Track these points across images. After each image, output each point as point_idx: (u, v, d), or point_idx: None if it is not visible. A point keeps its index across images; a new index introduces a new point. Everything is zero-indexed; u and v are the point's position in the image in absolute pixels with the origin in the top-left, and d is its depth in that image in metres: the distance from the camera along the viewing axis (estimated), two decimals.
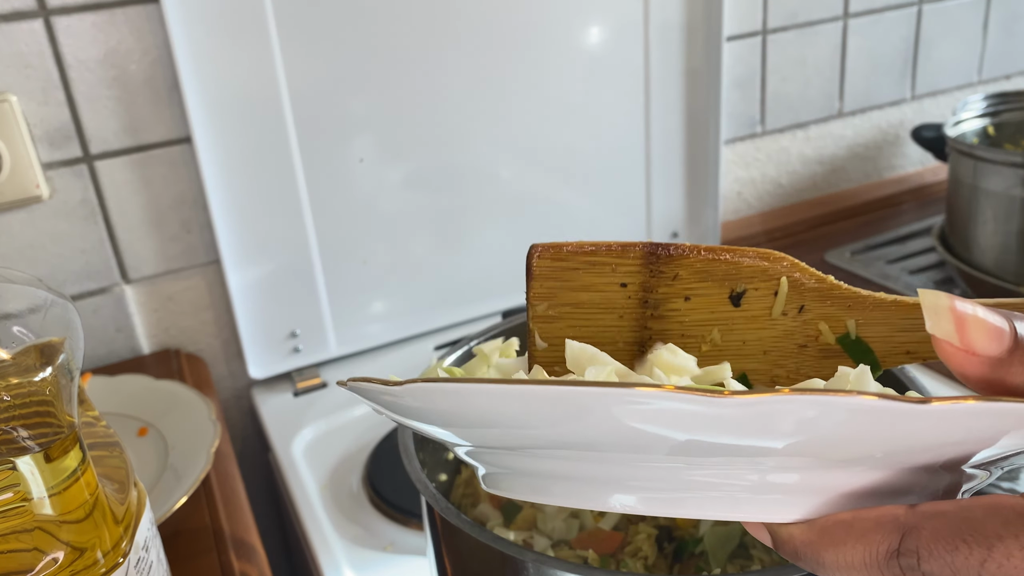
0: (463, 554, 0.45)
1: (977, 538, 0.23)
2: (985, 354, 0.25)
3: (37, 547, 0.36)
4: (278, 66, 0.76)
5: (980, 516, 0.24)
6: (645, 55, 0.92)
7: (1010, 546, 0.23)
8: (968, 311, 0.25)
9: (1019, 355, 0.25)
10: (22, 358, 0.36)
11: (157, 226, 0.81)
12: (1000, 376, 0.25)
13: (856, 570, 0.25)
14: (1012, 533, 0.23)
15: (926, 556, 0.24)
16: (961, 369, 0.26)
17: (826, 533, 0.26)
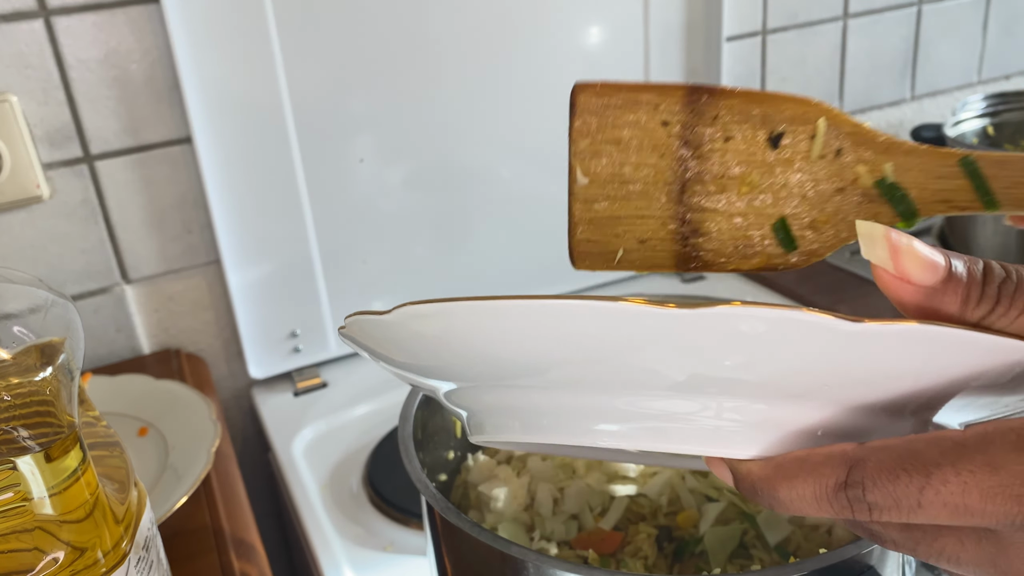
0: (463, 554, 0.45)
1: (917, 467, 0.24)
2: (919, 283, 0.26)
3: (37, 547, 0.36)
4: (278, 66, 0.76)
5: (921, 447, 0.24)
6: (645, 55, 0.92)
7: (947, 473, 0.24)
8: (903, 242, 0.26)
9: (953, 287, 0.26)
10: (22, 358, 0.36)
11: (157, 226, 0.81)
12: (935, 305, 0.26)
13: (807, 503, 0.26)
14: (949, 461, 0.24)
15: (870, 486, 0.25)
16: (897, 296, 0.27)
17: (781, 468, 0.27)
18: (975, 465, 0.23)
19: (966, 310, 0.26)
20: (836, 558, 0.38)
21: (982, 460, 0.23)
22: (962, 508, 0.24)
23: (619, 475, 0.52)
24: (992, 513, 0.23)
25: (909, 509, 0.24)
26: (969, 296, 0.26)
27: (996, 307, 0.26)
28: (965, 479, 0.23)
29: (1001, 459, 0.23)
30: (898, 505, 0.24)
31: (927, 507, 0.24)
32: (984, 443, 0.24)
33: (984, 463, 0.23)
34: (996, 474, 0.23)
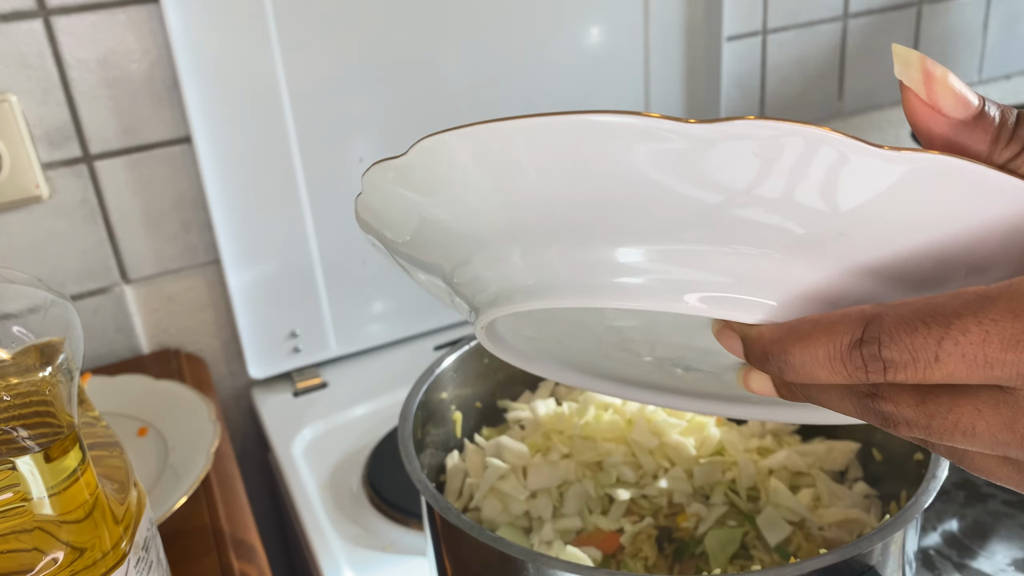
0: (463, 554, 0.45)
1: (937, 318, 0.23)
2: (949, 114, 0.25)
3: (37, 547, 0.36)
4: (278, 66, 0.76)
5: (942, 300, 0.23)
6: (645, 55, 0.92)
7: (967, 322, 0.23)
8: (938, 70, 0.25)
9: (984, 124, 0.25)
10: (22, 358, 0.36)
11: (157, 226, 0.81)
12: (962, 142, 0.25)
13: (821, 365, 0.25)
14: (971, 311, 0.23)
15: (887, 341, 0.23)
16: (926, 126, 0.26)
17: (793, 330, 0.26)
18: (997, 313, 0.22)
19: (994, 150, 0.25)
20: (836, 558, 0.38)
21: (1005, 307, 0.22)
22: (982, 359, 0.22)
23: (619, 480, 0.52)
24: (1013, 363, 0.22)
25: (926, 363, 0.23)
26: (999, 136, 0.25)
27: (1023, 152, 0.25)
28: (987, 327, 0.22)
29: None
30: (915, 360, 0.23)
31: (945, 360, 0.23)
32: (1008, 292, 0.23)
33: (1007, 310, 0.22)
34: (1018, 320, 0.22)
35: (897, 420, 0.25)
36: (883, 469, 0.52)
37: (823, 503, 0.50)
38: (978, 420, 0.24)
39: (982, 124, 0.25)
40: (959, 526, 0.65)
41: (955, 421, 0.24)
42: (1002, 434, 0.24)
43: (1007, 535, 0.64)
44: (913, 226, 0.25)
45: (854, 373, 0.24)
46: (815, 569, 0.38)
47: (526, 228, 0.28)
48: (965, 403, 0.24)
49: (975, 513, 0.66)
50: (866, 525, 0.49)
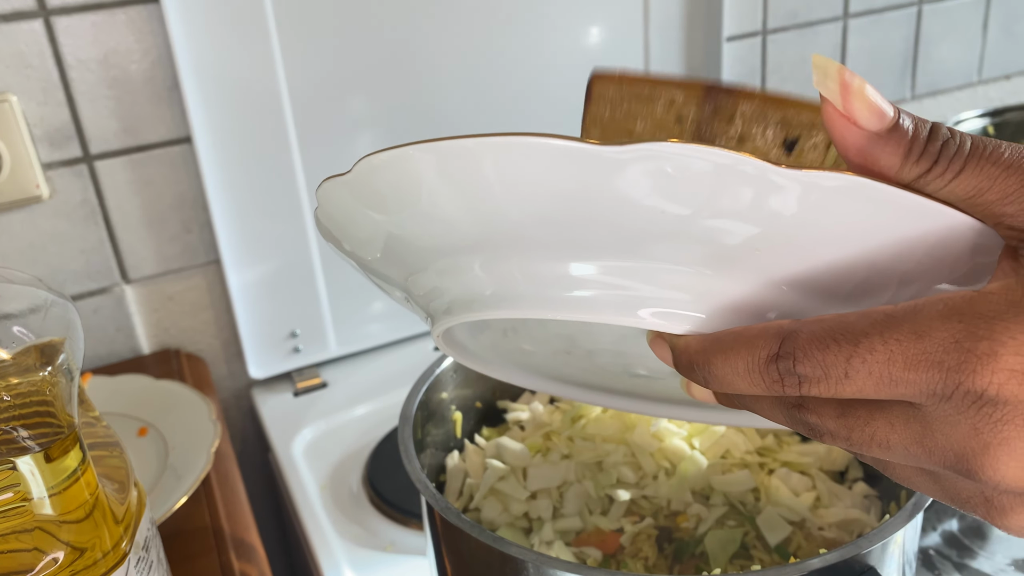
0: (463, 554, 0.45)
1: (847, 336, 0.24)
2: (864, 125, 0.26)
3: (37, 547, 0.36)
4: (278, 66, 0.76)
5: (853, 319, 0.25)
6: (645, 55, 0.92)
7: (874, 341, 0.24)
8: (855, 82, 0.26)
9: (896, 138, 0.26)
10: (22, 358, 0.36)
11: (157, 226, 0.81)
12: (876, 154, 0.26)
13: (740, 377, 0.26)
14: (878, 331, 0.24)
15: (800, 357, 0.25)
16: (841, 136, 0.26)
17: (717, 342, 0.27)
18: (901, 334, 0.23)
19: (906, 164, 0.26)
20: (836, 558, 0.38)
21: (909, 328, 0.23)
22: (887, 378, 0.24)
23: (619, 480, 0.52)
24: (915, 382, 0.23)
25: (837, 380, 0.24)
26: (911, 151, 0.26)
27: (934, 167, 0.25)
28: (891, 347, 0.23)
29: (927, 326, 0.23)
30: (827, 376, 0.24)
31: (854, 377, 0.24)
32: (912, 313, 0.24)
33: (910, 331, 0.23)
34: (920, 341, 0.23)
35: (821, 431, 0.27)
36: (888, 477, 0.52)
37: (823, 503, 0.50)
38: (891, 434, 0.25)
39: (895, 137, 0.26)
40: (959, 526, 0.65)
41: (871, 434, 0.26)
42: (912, 448, 0.25)
43: (1007, 535, 0.64)
44: (827, 242, 0.26)
45: (771, 386, 0.26)
46: (815, 569, 0.38)
47: (477, 241, 0.29)
48: (880, 417, 0.25)
49: None
50: (866, 525, 0.49)
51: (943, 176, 0.25)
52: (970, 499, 0.25)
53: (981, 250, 0.26)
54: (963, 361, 0.23)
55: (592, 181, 0.25)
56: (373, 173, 0.28)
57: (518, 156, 0.25)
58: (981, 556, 0.63)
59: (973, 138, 0.26)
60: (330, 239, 0.34)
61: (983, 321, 0.23)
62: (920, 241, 0.26)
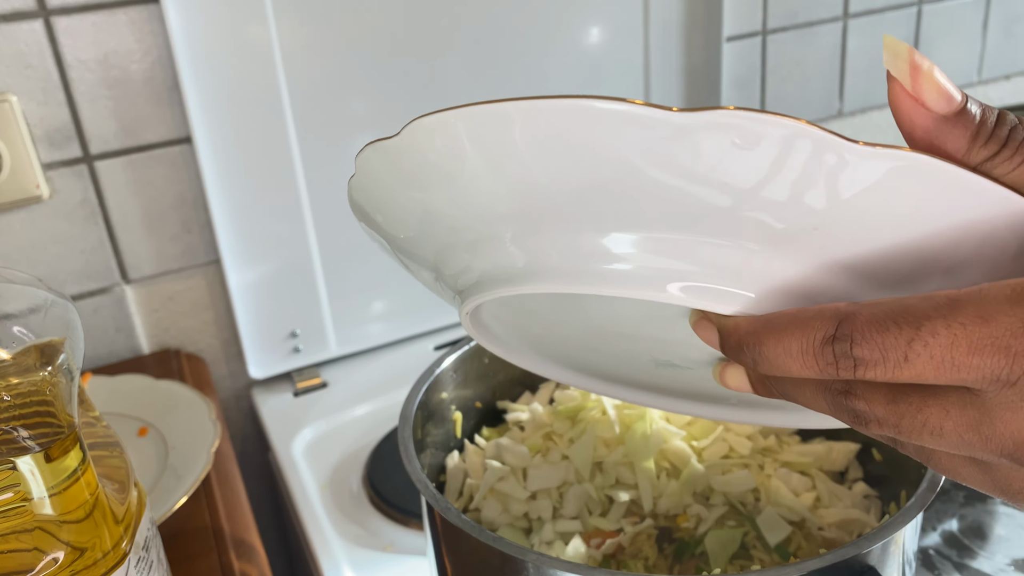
0: (463, 554, 0.45)
1: (908, 319, 0.24)
2: (931, 107, 0.26)
3: (37, 547, 0.36)
4: (278, 66, 0.76)
5: (914, 302, 0.24)
6: (645, 55, 0.92)
7: (937, 325, 0.23)
8: (925, 63, 0.25)
9: (964, 121, 0.25)
10: (22, 358, 0.36)
11: (157, 226, 0.81)
12: (943, 137, 0.26)
13: (793, 359, 0.26)
14: (941, 314, 0.23)
15: (859, 339, 0.24)
16: (908, 118, 0.26)
17: (769, 323, 0.26)
18: (966, 318, 0.23)
19: (973, 148, 0.25)
20: (836, 558, 0.38)
21: (974, 312, 0.23)
22: (949, 362, 0.23)
23: (619, 481, 0.52)
24: (979, 367, 0.23)
25: (895, 363, 0.24)
26: (978, 134, 0.25)
27: (1002, 150, 0.25)
28: (955, 331, 0.23)
29: (993, 310, 0.23)
30: (885, 359, 0.24)
31: (914, 361, 0.23)
32: (978, 297, 0.23)
33: (975, 315, 0.23)
34: (986, 326, 0.23)
35: (868, 418, 0.26)
36: (883, 469, 0.52)
37: (823, 503, 0.51)
38: (946, 420, 0.25)
39: (963, 121, 0.25)
40: (959, 526, 0.65)
41: (924, 421, 0.25)
42: (967, 435, 0.24)
43: (1007, 535, 0.64)
44: (888, 224, 0.25)
45: (825, 368, 0.25)
46: (815, 569, 0.38)
47: (518, 212, 0.28)
48: (934, 403, 0.25)
49: (975, 513, 0.66)
50: (866, 525, 0.49)
51: (1012, 160, 0.25)
52: (1023, 490, 0.25)
53: None
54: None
55: (651, 149, 0.24)
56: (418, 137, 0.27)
57: (566, 120, 0.24)
58: (981, 556, 0.63)
59: None
60: (362, 215, 0.34)
61: None
62: (981, 227, 0.25)
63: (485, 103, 0.25)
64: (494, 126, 0.26)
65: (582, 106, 0.24)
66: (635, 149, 0.24)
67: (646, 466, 0.52)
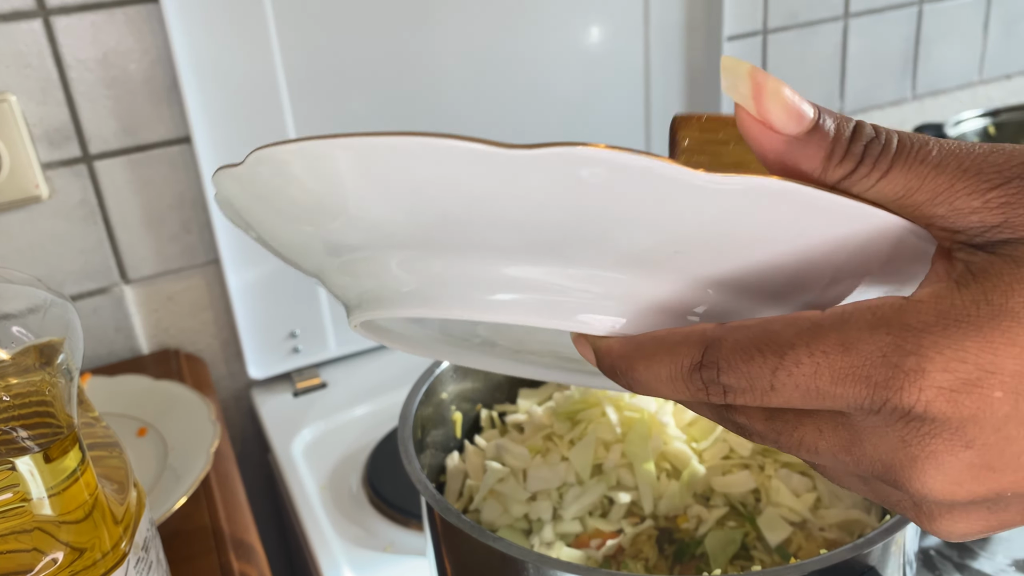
0: (463, 554, 0.45)
1: (772, 347, 0.23)
2: (780, 130, 0.24)
3: (36, 547, 0.36)
4: (278, 65, 0.76)
5: (778, 328, 0.24)
6: (645, 54, 0.92)
7: (800, 354, 0.23)
8: (769, 83, 0.24)
9: (818, 139, 0.24)
10: (21, 358, 0.36)
11: (157, 226, 0.81)
12: (796, 158, 0.25)
13: (664, 384, 0.25)
14: (804, 342, 0.23)
15: (725, 367, 0.24)
16: (758, 143, 0.25)
17: (640, 347, 0.26)
18: (828, 346, 0.23)
19: (828, 166, 0.24)
20: (836, 559, 0.38)
21: (835, 340, 0.23)
22: (813, 391, 0.23)
23: (619, 483, 0.52)
24: (842, 396, 0.23)
25: (762, 391, 0.23)
26: (833, 152, 0.24)
27: (859, 167, 0.24)
28: (818, 360, 0.23)
29: (854, 338, 0.22)
30: (752, 387, 0.24)
31: (780, 390, 0.23)
32: (840, 322, 0.23)
33: (837, 343, 0.23)
34: (847, 355, 0.22)
35: (750, 431, 0.26)
36: None
37: (824, 504, 0.50)
38: (820, 440, 0.25)
39: (815, 139, 0.24)
40: None
41: (799, 439, 0.25)
42: (840, 455, 0.24)
43: (1007, 535, 0.64)
44: (751, 243, 0.25)
45: (695, 394, 0.25)
46: (816, 570, 0.38)
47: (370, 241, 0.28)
48: (808, 423, 0.25)
49: None
50: (867, 526, 0.49)
51: (869, 176, 0.24)
52: (899, 503, 0.25)
53: (912, 250, 0.26)
54: (890, 377, 0.22)
55: (498, 186, 0.24)
56: (262, 167, 0.26)
57: (402, 159, 0.24)
58: (982, 556, 0.63)
59: (900, 136, 0.25)
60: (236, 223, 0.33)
61: (911, 334, 0.22)
62: (848, 241, 0.25)
63: (318, 138, 0.24)
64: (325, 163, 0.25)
65: (419, 144, 0.23)
66: (474, 186, 0.24)
67: (646, 468, 0.51)
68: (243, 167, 0.27)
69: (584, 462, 0.52)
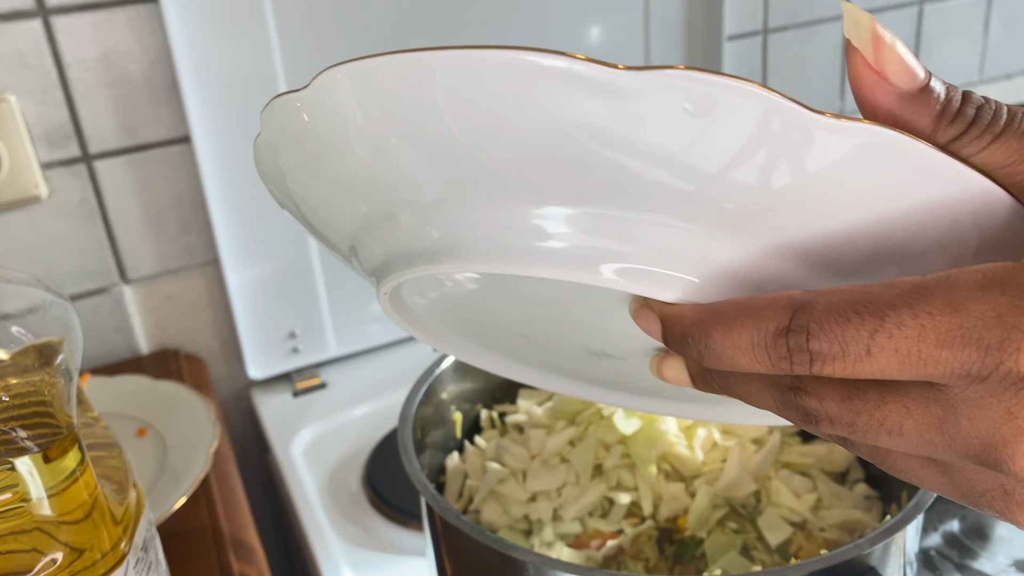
0: (463, 555, 0.45)
1: (871, 309, 0.22)
2: (895, 82, 0.24)
3: (36, 548, 0.36)
4: (277, 65, 0.76)
5: (877, 290, 0.22)
6: (646, 54, 0.92)
7: (903, 315, 0.21)
8: (887, 36, 0.24)
9: (928, 98, 0.24)
10: (21, 358, 0.36)
11: (156, 226, 0.81)
12: (907, 115, 0.24)
13: (743, 352, 0.23)
14: (906, 303, 0.21)
15: (816, 331, 0.22)
16: (871, 94, 0.24)
17: (718, 312, 0.24)
18: (934, 307, 0.21)
19: (939, 127, 0.24)
20: (837, 559, 0.38)
21: (942, 300, 0.21)
22: (915, 356, 0.21)
23: (619, 483, 0.52)
24: (947, 361, 0.21)
25: (856, 357, 0.22)
26: (944, 112, 0.24)
27: (970, 129, 0.23)
28: (923, 321, 0.21)
29: (963, 298, 0.21)
30: (844, 353, 0.22)
31: (877, 355, 0.21)
32: (947, 284, 0.21)
33: (945, 304, 0.21)
34: (956, 315, 0.21)
35: (819, 416, 0.24)
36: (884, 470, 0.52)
37: (824, 504, 0.50)
38: (906, 419, 0.23)
39: (927, 99, 0.24)
40: (960, 527, 0.65)
41: (881, 419, 0.23)
42: (929, 434, 0.23)
43: (1008, 536, 0.64)
44: (848, 205, 0.23)
45: (778, 363, 0.23)
46: (816, 570, 0.38)
47: (433, 179, 0.25)
48: (894, 400, 0.23)
49: (976, 514, 0.66)
50: (867, 526, 0.49)
51: (980, 139, 0.23)
52: (986, 492, 0.23)
53: (1011, 225, 0.24)
54: (1006, 338, 0.20)
55: (591, 113, 0.22)
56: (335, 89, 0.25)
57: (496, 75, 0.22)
58: (982, 557, 0.63)
59: (1010, 107, 0.24)
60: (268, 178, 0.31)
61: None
62: (945, 213, 0.24)
63: (402, 52, 0.23)
64: (412, 78, 0.23)
65: (515, 59, 0.21)
66: (572, 113, 0.22)
67: (648, 471, 0.51)
68: (309, 90, 0.25)
69: (584, 463, 0.52)
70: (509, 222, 0.25)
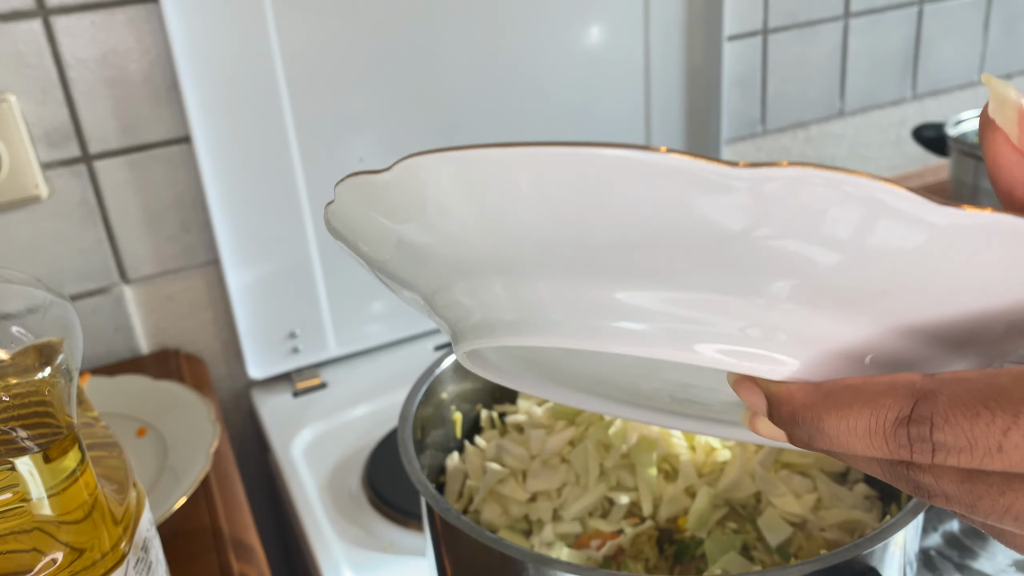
0: (463, 555, 0.45)
1: (1002, 404, 0.20)
2: None
3: (36, 548, 0.36)
4: (277, 65, 0.76)
5: (1007, 383, 0.21)
6: (646, 54, 0.92)
7: None
8: None
9: None
10: (21, 358, 0.36)
11: (156, 226, 0.81)
12: None
13: (859, 439, 0.23)
14: None
15: (940, 424, 0.21)
16: (1009, 175, 0.23)
17: (831, 395, 0.23)
18: None
19: None
20: (837, 559, 0.38)
21: None
22: None
23: (619, 484, 0.52)
24: None
25: (985, 452, 0.21)
26: None
27: None
28: None
29: None
30: (972, 447, 0.21)
31: (1010, 452, 0.20)
32: None
33: None
34: None
35: (935, 493, 0.23)
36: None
37: (824, 504, 0.50)
38: None
39: None
40: (960, 527, 0.65)
41: (1007, 505, 0.22)
42: None
43: None
44: (968, 288, 0.23)
45: (897, 451, 0.22)
46: (816, 570, 0.38)
47: (514, 260, 0.25)
48: (1020, 487, 0.22)
49: None
50: (867, 526, 0.49)
51: None
52: None
53: None
54: None
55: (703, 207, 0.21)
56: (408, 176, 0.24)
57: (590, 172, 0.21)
58: (982, 557, 0.63)
59: None
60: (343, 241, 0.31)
61: None
62: None
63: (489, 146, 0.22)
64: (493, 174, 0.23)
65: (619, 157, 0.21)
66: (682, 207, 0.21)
67: (649, 472, 0.51)
68: (388, 174, 0.24)
69: (584, 464, 0.52)
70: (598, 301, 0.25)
